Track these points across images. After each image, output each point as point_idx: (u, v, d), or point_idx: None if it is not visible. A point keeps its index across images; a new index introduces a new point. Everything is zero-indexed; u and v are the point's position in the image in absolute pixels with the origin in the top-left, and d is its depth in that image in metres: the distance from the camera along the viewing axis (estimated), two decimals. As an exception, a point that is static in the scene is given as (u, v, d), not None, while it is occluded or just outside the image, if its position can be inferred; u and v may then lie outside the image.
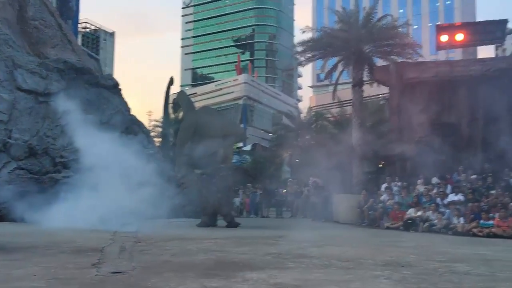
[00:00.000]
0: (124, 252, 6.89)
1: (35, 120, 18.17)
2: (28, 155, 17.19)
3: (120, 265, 5.61)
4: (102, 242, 7.84)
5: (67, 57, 21.54)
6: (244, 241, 8.90)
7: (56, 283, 4.45)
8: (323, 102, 41.23)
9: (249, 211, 22.72)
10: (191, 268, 5.47)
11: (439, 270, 5.76)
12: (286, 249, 7.63)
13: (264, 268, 5.55)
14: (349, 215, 15.94)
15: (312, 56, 21.36)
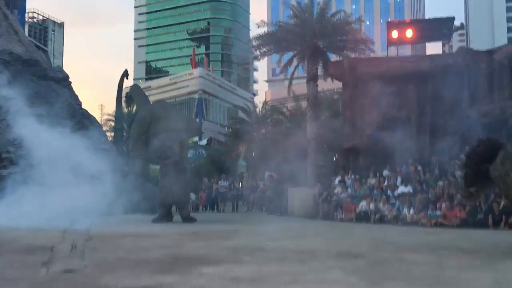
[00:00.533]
0: (76, 250, 6.70)
1: (-22, 114, 17.27)
2: (-30, 151, 16.35)
3: (71, 264, 5.45)
4: (51, 241, 7.57)
5: (13, 48, 20.58)
6: (200, 236, 8.86)
7: (4, 284, 4.27)
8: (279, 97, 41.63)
9: (205, 205, 22.60)
10: (146, 264, 5.40)
11: (390, 260, 5.95)
12: (242, 243, 7.66)
13: (220, 262, 5.55)
14: (304, 208, 16.15)
15: (267, 51, 21.47)
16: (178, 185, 13.01)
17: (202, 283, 4.29)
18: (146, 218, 13.47)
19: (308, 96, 20.58)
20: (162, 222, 12.78)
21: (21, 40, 22.64)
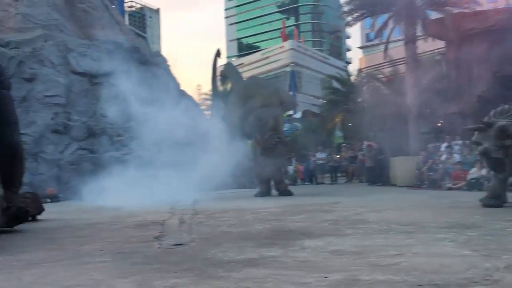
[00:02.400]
0: (184, 224, 7.06)
1: (91, 101, 18.81)
2: (87, 136, 17.92)
3: (180, 237, 5.74)
4: (162, 216, 8.08)
5: (116, 37, 21.98)
6: (300, 209, 8.87)
7: (122, 257, 4.61)
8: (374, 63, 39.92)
9: (303, 178, 22.69)
10: (249, 238, 5.51)
11: (507, 230, 5.48)
12: (343, 216, 7.54)
13: (322, 235, 5.50)
14: (407, 178, 15.52)
15: (360, 15, 20.57)
16: (273, 159, 13.16)
17: (304, 256, 4.27)
18: (246, 193, 13.85)
19: (406, 59, 19.44)
20: (263, 196, 13.07)
21: (122, 29, 24.10)
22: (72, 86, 18.52)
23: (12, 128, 7.07)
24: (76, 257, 4.74)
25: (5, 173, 6.97)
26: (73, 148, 17.31)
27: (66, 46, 19.22)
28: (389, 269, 3.60)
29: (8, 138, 6.95)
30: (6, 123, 6.96)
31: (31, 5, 20.05)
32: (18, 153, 7.12)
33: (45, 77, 17.90)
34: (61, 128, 17.35)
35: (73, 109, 18.17)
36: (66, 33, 20.25)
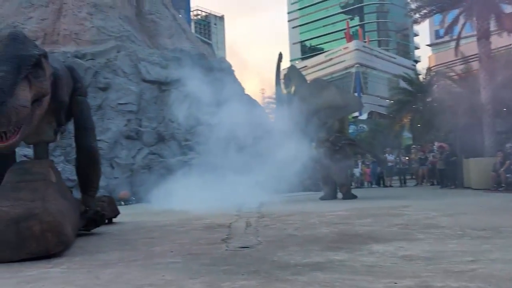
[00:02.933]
0: (250, 227, 7.15)
1: (160, 107, 19.58)
2: (157, 141, 18.64)
3: (247, 240, 5.82)
4: (228, 219, 8.23)
5: (183, 45, 22.75)
6: (367, 213, 8.68)
7: (191, 258, 4.75)
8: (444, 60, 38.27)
9: (370, 181, 22.17)
10: (315, 241, 5.48)
11: None
12: (413, 219, 7.28)
13: (391, 240, 5.35)
14: (482, 180, 14.69)
15: (428, 12, 19.75)
16: (337, 162, 12.99)
17: (373, 261, 4.18)
18: (311, 196, 13.76)
19: (479, 56, 18.43)
20: (329, 199, 12.94)
21: (188, 37, 24.88)
22: (143, 94, 19.37)
23: (89, 133, 7.27)
24: (148, 257, 4.95)
25: (82, 178, 7.29)
26: (144, 153, 18.08)
27: (137, 56, 20.15)
28: (463, 275, 3.44)
29: (86, 143, 7.16)
30: (83, 128, 7.19)
31: (104, 18, 21.22)
32: (95, 158, 7.32)
33: (118, 86, 18.86)
34: (133, 134, 18.18)
35: (144, 116, 19.00)
36: (136, 43, 21.24)
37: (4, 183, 5.86)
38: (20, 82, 5.04)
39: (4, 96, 4.76)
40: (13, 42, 5.42)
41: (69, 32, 20.41)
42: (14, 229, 5.15)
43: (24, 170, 6.00)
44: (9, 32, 5.75)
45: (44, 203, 5.45)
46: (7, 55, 5.20)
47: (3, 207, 5.33)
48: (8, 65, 5.06)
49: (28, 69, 5.22)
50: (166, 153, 18.29)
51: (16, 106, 4.89)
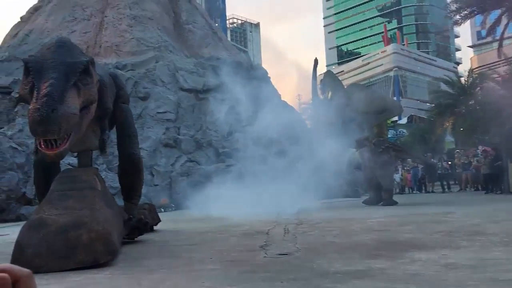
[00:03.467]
0: (288, 234, 7.12)
1: (197, 116, 19.86)
2: (195, 148, 18.90)
3: (285, 247, 5.80)
4: (266, 225, 8.23)
5: (219, 54, 23.02)
6: (409, 219, 8.48)
7: (230, 265, 4.78)
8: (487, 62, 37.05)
9: (411, 187, 21.69)
10: (355, 249, 5.40)
11: None
12: (457, 226, 7.06)
13: (434, 247, 5.21)
14: (531, 185, 14.12)
15: (469, 13, 19.26)
16: (378, 168, 12.81)
17: (415, 269, 4.08)
18: (350, 203, 13.58)
19: (524, 56, 17.76)
20: (373, 204, 12.80)
21: (225, 45, 25.16)
22: (181, 102, 19.72)
23: (133, 140, 7.17)
24: (188, 264, 5.02)
25: (126, 185, 7.24)
26: (182, 161, 18.36)
27: (175, 65, 20.55)
28: (510, 285, 3.31)
29: (129, 150, 7.07)
30: (127, 135, 7.11)
31: (144, 30, 21.78)
32: (139, 166, 7.23)
33: (157, 95, 19.27)
34: (171, 142, 18.50)
35: (182, 124, 19.32)
36: (174, 53, 21.67)
37: (51, 191, 5.74)
38: (69, 89, 4.98)
39: (54, 103, 4.68)
40: (60, 49, 5.39)
41: (110, 44, 21.05)
42: (63, 238, 5.07)
43: (71, 178, 5.93)
44: (56, 40, 5.72)
45: (92, 212, 5.38)
46: (55, 62, 5.13)
47: (51, 215, 5.27)
48: (57, 72, 4.99)
49: (76, 76, 5.15)
50: (204, 160, 18.50)
51: (66, 113, 4.79)
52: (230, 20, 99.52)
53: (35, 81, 4.94)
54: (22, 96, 5.35)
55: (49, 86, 4.74)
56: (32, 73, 5.04)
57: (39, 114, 4.57)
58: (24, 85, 5.25)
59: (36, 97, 4.74)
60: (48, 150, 4.98)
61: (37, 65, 5.08)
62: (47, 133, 4.70)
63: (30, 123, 4.70)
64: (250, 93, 18.99)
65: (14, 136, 15.76)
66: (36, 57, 5.41)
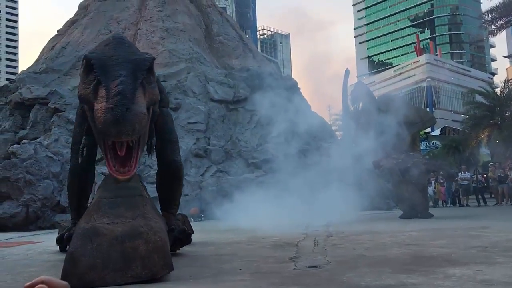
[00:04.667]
0: (318, 246, 7.05)
1: (227, 126, 20.01)
2: (225, 159, 19.01)
3: (315, 259, 5.74)
4: (296, 237, 8.17)
5: (250, 65, 23.18)
6: (442, 234, 8.27)
7: (259, 277, 4.76)
8: (524, 72, 36.03)
9: (445, 200, 21.16)
10: (386, 262, 5.30)
11: None
12: (492, 242, 6.84)
13: (468, 263, 5.05)
14: None
15: (505, 23, 18.84)
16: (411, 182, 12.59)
17: (449, 285, 3.96)
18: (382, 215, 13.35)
19: None
20: (408, 218, 12.58)
21: (255, 57, 25.34)
22: (211, 113, 19.92)
23: (174, 146, 6.65)
24: (218, 274, 5.02)
25: (165, 194, 6.74)
26: (212, 171, 18.49)
27: (206, 76, 20.82)
28: (552, 305, 3.17)
29: (171, 157, 6.53)
30: (168, 141, 6.53)
31: (176, 42, 22.18)
32: (180, 173, 6.72)
33: (188, 105, 19.54)
34: (202, 152, 18.68)
35: (212, 134, 19.50)
36: (205, 64, 21.96)
37: (98, 198, 5.25)
38: (138, 88, 4.59)
39: (128, 102, 4.31)
40: (121, 45, 5.06)
41: (143, 56, 21.53)
42: (118, 249, 4.62)
43: (118, 185, 5.30)
44: (114, 36, 5.36)
45: (147, 221, 4.92)
46: (120, 58, 4.75)
47: (103, 224, 4.81)
48: (125, 69, 4.61)
49: (143, 74, 4.76)
50: (234, 171, 18.58)
51: (139, 113, 4.42)
52: (261, 31, 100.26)
53: (101, 79, 4.55)
54: (84, 96, 4.87)
55: (120, 84, 4.39)
56: (97, 70, 4.64)
57: (113, 114, 4.22)
58: (86, 84, 4.83)
59: (106, 96, 4.37)
60: (121, 175, 4.63)
61: (101, 62, 4.70)
62: (121, 134, 4.35)
63: (102, 124, 4.31)
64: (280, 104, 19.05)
65: (50, 145, 16.24)
66: (97, 53, 4.96)
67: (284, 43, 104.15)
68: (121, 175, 4.63)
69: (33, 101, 18.68)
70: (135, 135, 4.49)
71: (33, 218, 14.09)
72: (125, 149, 4.64)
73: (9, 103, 19.21)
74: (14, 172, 14.13)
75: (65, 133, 17.04)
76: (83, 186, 6.37)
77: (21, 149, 15.13)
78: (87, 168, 6.28)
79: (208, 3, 26.65)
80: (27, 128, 18.25)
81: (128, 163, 4.67)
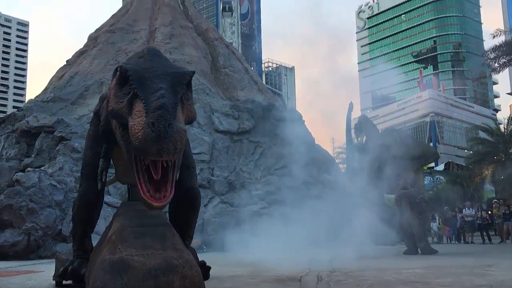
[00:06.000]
0: (321, 282, 6.96)
1: (231, 157, 20.06)
2: (228, 190, 18.98)
3: (318, 296, 5.67)
4: (299, 271, 8.07)
5: (254, 97, 23.44)
6: (447, 271, 8.16)
7: (261, 312, 4.69)
8: (527, 109, 36.23)
9: (449, 237, 20.94)
10: (391, 300, 5.22)
11: None
12: (498, 281, 6.74)
13: (475, 302, 4.98)
14: None
15: (508, 61, 19.12)
16: (414, 216, 12.53)
17: (455, 326, 3.91)
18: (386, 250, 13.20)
19: None
20: (412, 254, 12.46)
21: (260, 88, 25.65)
22: (215, 144, 20.02)
23: (192, 172, 6.10)
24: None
25: (180, 224, 6.08)
26: (215, 202, 18.44)
27: (211, 107, 21.03)
28: None
29: (187, 183, 5.89)
30: (185, 166, 5.82)
31: (182, 73, 22.52)
32: (198, 201, 6.14)
33: (193, 136, 19.66)
34: (205, 183, 18.67)
35: (216, 165, 19.54)
36: (210, 95, 22.22)
37: (121, 226, 4.71)
38: (178, 103, 4.11)
39: (169, 116, 3.84)
40: (157, 57, 4.54)
41: (150, 86, 21.83)
42: (152, 284, 4.17)
43: (139, 212, 4.85)
44: (148, 48, 4.82)
45: (179, 253, 4.51)
46: (158, 71, 4.28)
47: (133, 256, 4.35)
48: (164, 82, 4.15)
49: (183, 88, 4.28)
50: (237, 202, 18.51)
51: (181, 130, 3.93)
52: (266, 63, 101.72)
53: (138, 91, 4.07)
54: (116, 110, 4.31)
55: (161, 97, 3.94)
56: (133, 82, 4.16)
57: (155, 130, 3.75)
58: (119, 98, 4.29)
59: (145, 110, 3.90)
60: (156, 202, 4.03)
61: (138, 74, 4.23)
62: (162, 152, 3.82)
63: (140, 141, 3.81)
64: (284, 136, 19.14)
65: (54, 174, 16.28)
66: (133, 64, 4.45)
67: (288, 76, 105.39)
68: (157, 202, 4.01)
69: (39, 129, 18.85)
70: (176, 155, 3.97)
71: (34, 247, 13.99)
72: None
73: (16, 131, 19.39)
74: (18, 200, 14.13)
75: (70, 162, 17.12)
76: (92, 214, 5.90)
77: (25, 177, 15.17)
78: (99, 193, 5.79)
79: (215, 36, 27.20)
80: (32, 156, 18.36)
81: (163, 187, 4.08)
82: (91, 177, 5.61)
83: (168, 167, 4.07)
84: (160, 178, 4.07)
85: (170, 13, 26.27)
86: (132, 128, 3.90)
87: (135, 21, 25.78)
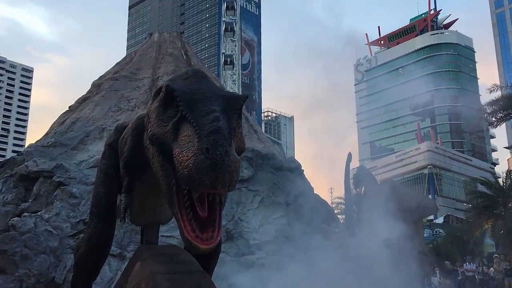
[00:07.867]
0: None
1: (230, 205, 19.92)
2: (226, 239, 18.72)
3: None
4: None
5: (254, 145, 23.56)
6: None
7: None
8: (526, 163, 36.41)
9: (450, 292, 20.48)
10: None
11: None
12: None
13: None
14: None
15: (504, 116, 19.44)
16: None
17: None
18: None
19: None
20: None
21: (259, 137, 25.85)
22: (214, 192, 19.93)
23: None
24: None
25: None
26: (212, 251, 18.13)
27: (211, 156, 21.10)
28: None
29: None
30: None
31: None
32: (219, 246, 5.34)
33: (191, 183, 19.61)
34: (203, 232, 18.43)
35: (214, 214, 19.35)
36: (211, 143, 22.34)
37: (151, 274, 4.03)
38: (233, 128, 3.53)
39: (226, 143, 3.27)
40: (205, 79, 3.97)
41: (150, 133, 22.00)
42: None
43: (169, 257, 4.34)
44: (193, 70, 4.24)
45: None
46: (208, 93, 3.68)
47: None
48: (216, 105, 3.55)
49: (236, 113, 3.68)
50: (234, 252, 18.21)
51: (237, 160, 3.38)
52: (265, 113, 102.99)
53: (188, 114, 3.47)
54: (159, 135, 3.67)
55: (216, 121, 3.35)
56: (181, 103, 3.54)
57: (210, 157, 3.16)
58: (162, 121, 3.68)
59: (197, 134, 3.30)
60: (203, 244, 3.37)
61: (187, 95, 3.61)
62: (217, 184, 3.23)
63: (191, 170, 3.18)
64: (283, 185, 19.16)
65: (50, 219, 16.11)
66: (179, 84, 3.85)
67: (288, 125, 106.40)
68: (203, 244, 3.36)
69: (38, 174, 18.82)
70: (231, 188, 3.40)
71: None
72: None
73: (14, 175, 19.35)
74: (12, 245, 13.90)
75: (67, 207, 16.98)
76: (100, 259, 5.14)
77: (21, 222, 15.00)
78: (110, 236, 5.06)
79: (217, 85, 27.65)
80: (29, 200, 18.23)
81: (210, 227, 3.45)
82: (103, 217, 4.93)
83: (215, 202, 3.51)
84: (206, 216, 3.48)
85: (173, 62, 26.87)
86: (180, 155, 3.28)
87: (138, 69, 26.33)
